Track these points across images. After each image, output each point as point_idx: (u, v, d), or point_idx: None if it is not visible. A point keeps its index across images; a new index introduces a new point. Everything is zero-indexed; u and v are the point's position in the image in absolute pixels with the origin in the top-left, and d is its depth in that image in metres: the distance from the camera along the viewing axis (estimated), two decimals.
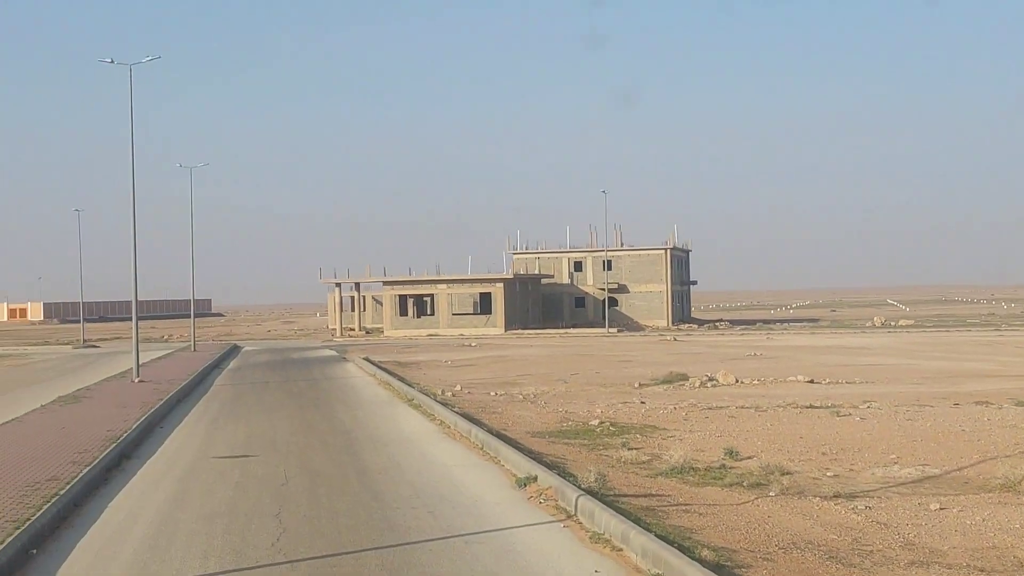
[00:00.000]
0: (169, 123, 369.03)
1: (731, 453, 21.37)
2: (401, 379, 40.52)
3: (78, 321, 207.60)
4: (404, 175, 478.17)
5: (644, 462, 20.83)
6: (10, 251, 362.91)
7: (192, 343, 68.07)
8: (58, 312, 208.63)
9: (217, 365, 54.43)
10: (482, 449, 21.65)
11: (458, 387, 38.22)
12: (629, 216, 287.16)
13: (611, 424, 26.63)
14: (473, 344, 76.41)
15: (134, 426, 24.04)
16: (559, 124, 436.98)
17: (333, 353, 67.65)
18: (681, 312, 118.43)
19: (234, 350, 73.55)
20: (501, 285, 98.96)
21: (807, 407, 29.82)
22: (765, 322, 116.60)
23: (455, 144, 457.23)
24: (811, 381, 39.61)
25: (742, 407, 30.17)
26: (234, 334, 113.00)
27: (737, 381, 39.28)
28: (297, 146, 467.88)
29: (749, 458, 21.09)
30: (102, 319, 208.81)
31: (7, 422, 25.68)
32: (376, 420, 27.78)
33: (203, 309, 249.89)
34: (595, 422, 26.95)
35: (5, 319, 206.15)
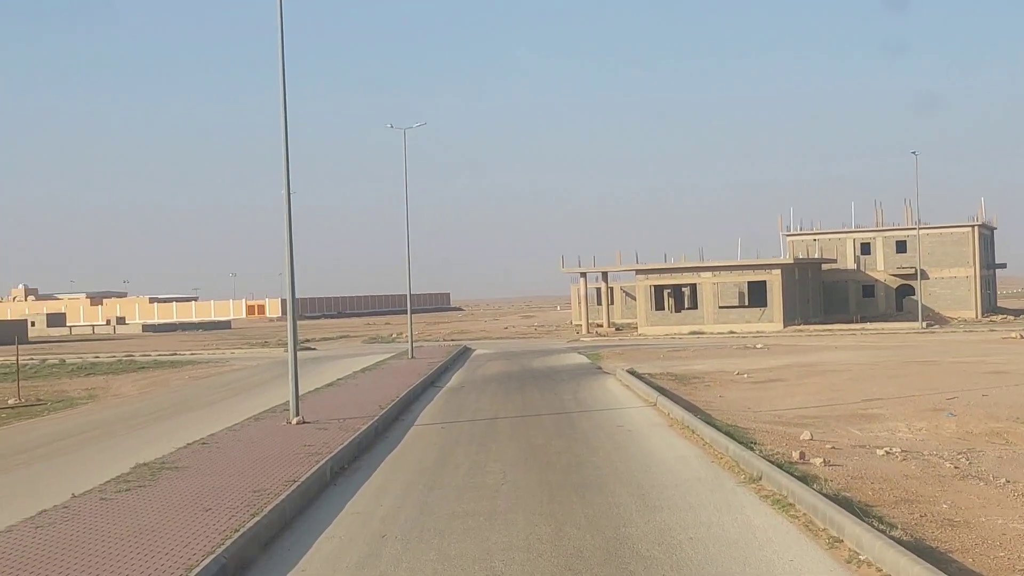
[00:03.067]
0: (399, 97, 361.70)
1: None
2: (706, 419, 25.25)
3: (316, 317, 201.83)
4: (652, 149, 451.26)
5: None
6: (252, 246, 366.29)
7: (409, 349, 54.56)
8: (297, 308, 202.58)
9: (433, 382, 40.59)
10: None
11: (806, 435, 22.73)
12: (919, 189, 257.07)
13: None
14: (759, 346, 60.39)
15: None
16: (834, 79, 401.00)
17: (583, 360, 53.04)
18: (988, 300, 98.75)
19: (462, 355, 60.00)
20: (778, 272, 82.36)
21: None
22: None
23: (710, 109, 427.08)
24: None
25: None
26: (468, 332, 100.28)
27: None
28: (534, 121, 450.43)
29: None
30: (340, 314, 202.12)
31: None
32: (718, 552, 12.61)
33: (441, 303, 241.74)
34: None
35: (244, 316, 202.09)
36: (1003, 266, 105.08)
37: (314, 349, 77.87)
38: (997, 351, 50.53)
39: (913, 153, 77.65)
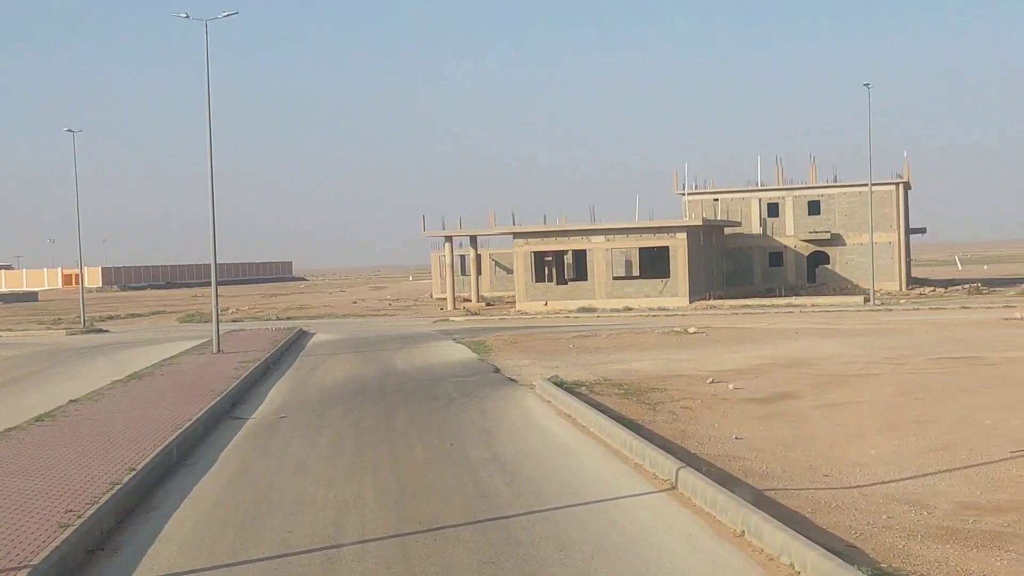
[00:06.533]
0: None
1: None
2: (808, 532, 9.68)
3: (142, 287, 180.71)
4: (526, 110, 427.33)
5: None
6: (69, 213, 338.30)
7: (215, 340, 37.64)
8: (119, 277, 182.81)
9: (234, 404, 24.19)
10: None
11: None
12: (825, 147, 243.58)
13: None
14: (692, 330, 45.21)
15: None
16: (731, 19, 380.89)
17: (467, 353, 37.27)
18: (908, 270, 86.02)
19: (295, 344, 43.54)
20: (684, 236, 67.67)
21: None
22: (1016, 282, 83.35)
23: (589, 58, 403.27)
24: None
25: None
26: (308, 307, 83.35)
27: None
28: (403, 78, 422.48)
29: None
30: (169, 285, 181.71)
31: None
32: None
33: (282, 273, 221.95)
34: None
35: (60, 286, 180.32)
36: (922, 231, 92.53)
37: (106, 332, 60.36)
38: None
39: (866, 85, 63.08)
